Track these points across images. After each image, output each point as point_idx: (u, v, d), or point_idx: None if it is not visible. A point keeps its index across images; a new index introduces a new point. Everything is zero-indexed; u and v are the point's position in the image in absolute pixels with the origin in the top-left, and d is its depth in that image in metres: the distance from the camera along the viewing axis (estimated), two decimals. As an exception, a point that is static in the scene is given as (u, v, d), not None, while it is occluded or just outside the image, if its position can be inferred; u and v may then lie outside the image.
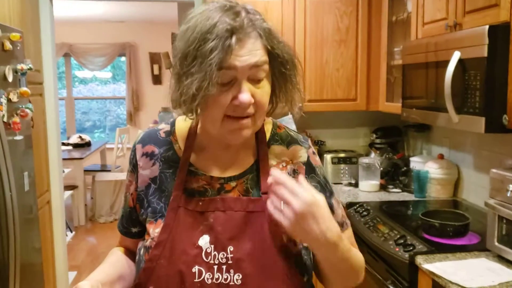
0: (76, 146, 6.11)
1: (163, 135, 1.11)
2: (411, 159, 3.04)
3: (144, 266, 1.00)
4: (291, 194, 0.89)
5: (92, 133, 8.17)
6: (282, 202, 0.90)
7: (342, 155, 3.30)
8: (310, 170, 1.10)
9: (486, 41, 1.77)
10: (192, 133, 1.09)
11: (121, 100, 8.19)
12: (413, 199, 2.82)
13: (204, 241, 0.99)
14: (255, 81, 0.95)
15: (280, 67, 0.98)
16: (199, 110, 0.96)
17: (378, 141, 3.32)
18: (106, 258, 1.14)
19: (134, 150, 1.11)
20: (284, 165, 1.08)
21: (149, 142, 1.10)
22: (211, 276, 0.97)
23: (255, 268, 0.97)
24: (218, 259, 0.97)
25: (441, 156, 2.83)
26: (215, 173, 1.06)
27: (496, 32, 1.76)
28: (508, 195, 1.72)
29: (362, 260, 1.08)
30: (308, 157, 1.11)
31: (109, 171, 6.16)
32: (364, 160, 3.08)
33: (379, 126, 3.39)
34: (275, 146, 1.10)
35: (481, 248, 1.94)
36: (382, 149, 3.27)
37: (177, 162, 1.07)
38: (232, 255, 0.97)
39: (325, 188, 1.11)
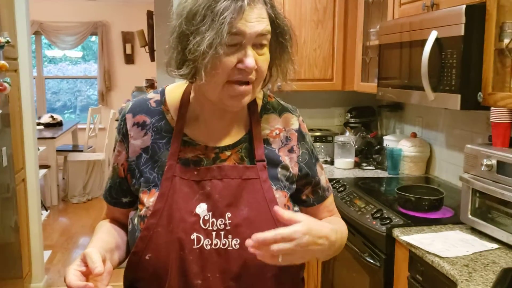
0: (47, 125, 6.00)
1: (153, 104, 1.10)
2: (385, 137, 3.12)
3: (140, 235, 1.02)
4: (286, 242, 0.89)
5: (62, 114, 8.02)
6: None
7: (318, 133, 3.35)
8: (301, 138, 1.15)
9: (463, 20, 1.83)
10: (184, 103, 1.09)
11: (92, 80, 8.05)
12: (386, 176, 2.91)
13: (201, 209, 1.01)
14: (258, 47, 0.98)
15: (279, 37, 1.02)
16: (202, 73, 0.95)
17: (352, 120, 3.39)
18: (98, 230, 1.14)
19: (124, 120, 1.10)
20: (277, 132, 1.12)
21: (140, 111, 1.10)
22: (209, 242, 0.99)
23: (252, 233, 0.98)
24: (216, 225, 1.00)
25: (414, 135, 2.92)
26: (209, 142, 1.07)
27: (473, 11, 1.82)
28: (482, 169, 1.80)
29: (346, 232, 1.14)
30: (299, 124, 1.16)
31: (81, 151, 6.08)
32: (339, 139, 3.14)
33: (353, 106, 3.45)
34: (267, 115, 1.13)
35: (455, 221, 2.02)
36: (356, 128, 3.34)
37: (170, 132, 1.07)
38: (230, 221, 1.00)
39: (311, 155, 1.16)
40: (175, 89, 1.12)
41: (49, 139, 5.38)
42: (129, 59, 7.51)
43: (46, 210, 4.80)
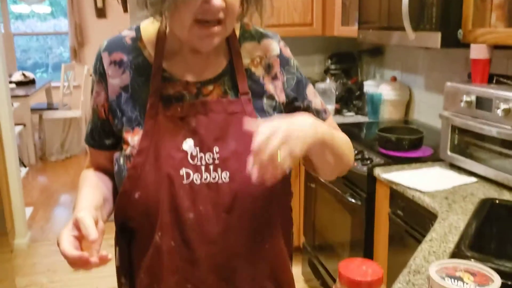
0: (19, 84, 5.84)
1: (129, 41, 1.06)
2: (365, 83, 3.13)
3: (128, 174, 1.00)
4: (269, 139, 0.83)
5: (34, 73, 7.80)
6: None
7: (298, 81, 3.34)
8: (284, 62, 1.10)
9: (444, -45, 1.81)
10: (161, 38, 1.05)
11: (63, 37, 7.80)
12: (367, 120, 2.93)
13: (188, 144, 1.00)
14: None
15: None
16: (167, 13, 0.92)
17: (333, 67, 3.38)
18: (83, 182, 1.10)
19: (100, 59, 1.06)
20: (258, 60, 1.08)
21: (116, 49, 1.05)
22: (199, 177, 0.99)
23: (241, 165, 0.98)
24: (204, 160, 0.99)
25: (393, 79, 2.93)
26: (190, 77, 1.04)
27: None
28: (461, 105, 1.82)
29: (348, 140, 1.11)
30: (280, 49, 1.11)
31: (57, 109, 5.96)
32: (320, 86, 3.14)
33: (333, 52, 3.43)
34: (246, 43, 1.09)
35: (434, 158, 2.06)
36: (336, 75, 3.33)
37: (149, 68, 1.04)
38: (218, 155, 0.99)
39: (299, 78, 1.12)
40: (150, 25, 1.07)
41: (22, 97, 5.25)
42: (101, 13, 7.26)
43: (25, 167, 4.74)
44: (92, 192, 1.04)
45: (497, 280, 0.76)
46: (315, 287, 2.79)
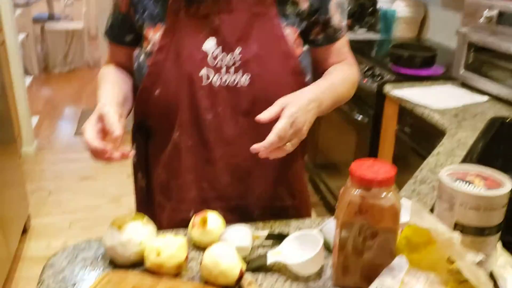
0: (20, -9, 5.64)
1: None
2: (379, -1, 3.01)
3: (148, 71, 0.99)
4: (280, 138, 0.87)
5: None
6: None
7: (309, -4, 3.21)
8: None
9: None
10: None
11: None
12: (379, 38, 2.85)
13: (210, 44, 0.97)
14: None
15: None
16: None
17: (346, -19, 3.23)
18: (103, 78, 1.08)
19: None
20: None
21: None
22: (219, 78, 0.97)
23: (262, 69, 0.97)
24: (225, 61, 0.97)
25: (409, -5, 2.81)
26: None
27: None
28: (481, 21, 1.75)
29: (351, 80, 1.09)
30: None
31: (59, 19, 5.82)
32: (331, 0, 3.02)
33: (347, -34, 3.27)
34: None
35: (446, 77, 2.02)
36: (349, -10, 3.20)
37: None
38: (240, 56, 0.97)
39: None
40: None
41: (24, 6, 5.10)
42: None
43: (30, 75, 4.70)
44: (113, 88, 1.03)
45: (508, 185, 0.75)
46: (315, 202, 2.85)
